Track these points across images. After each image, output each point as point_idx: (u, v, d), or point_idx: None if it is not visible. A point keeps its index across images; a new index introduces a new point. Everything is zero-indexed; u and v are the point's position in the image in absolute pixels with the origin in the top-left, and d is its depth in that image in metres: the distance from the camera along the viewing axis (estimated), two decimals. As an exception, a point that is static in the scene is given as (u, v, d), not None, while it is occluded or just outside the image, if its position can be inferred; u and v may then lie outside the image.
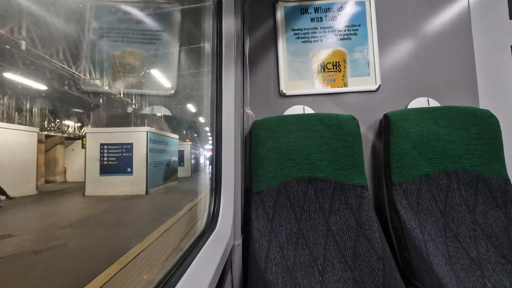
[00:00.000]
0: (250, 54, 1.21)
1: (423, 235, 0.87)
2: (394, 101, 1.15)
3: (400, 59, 1.17)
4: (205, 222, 0.93)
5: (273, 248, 0.87)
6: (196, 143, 14.48)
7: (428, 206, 0.94)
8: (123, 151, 5.45)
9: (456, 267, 0.84)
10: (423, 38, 1.16)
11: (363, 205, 0.92)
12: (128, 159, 5.45)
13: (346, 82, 1.18)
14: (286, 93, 1.18)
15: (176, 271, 0.59)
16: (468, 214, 0.92)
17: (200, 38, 1.19)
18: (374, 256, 0.82)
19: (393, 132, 1.00)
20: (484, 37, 1.15)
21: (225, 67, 0.98)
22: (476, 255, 0.86)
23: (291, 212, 0.95)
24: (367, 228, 0.87)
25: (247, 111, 1.16)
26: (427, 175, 0.97)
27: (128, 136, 5.74)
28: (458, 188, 0.96)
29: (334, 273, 0.83)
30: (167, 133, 8.29)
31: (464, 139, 0.98)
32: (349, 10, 1.20)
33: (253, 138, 1.05)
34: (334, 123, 1.00)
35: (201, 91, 1.28)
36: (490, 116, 1.00)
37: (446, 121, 1.01)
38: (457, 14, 1.16)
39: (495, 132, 0.98)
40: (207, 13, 1.15)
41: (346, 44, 1.19)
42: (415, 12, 1.18)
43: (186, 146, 12.69)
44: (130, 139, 5.62)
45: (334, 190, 0.95)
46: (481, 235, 0.89)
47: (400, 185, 0.96)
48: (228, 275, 0.88)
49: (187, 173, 12.72)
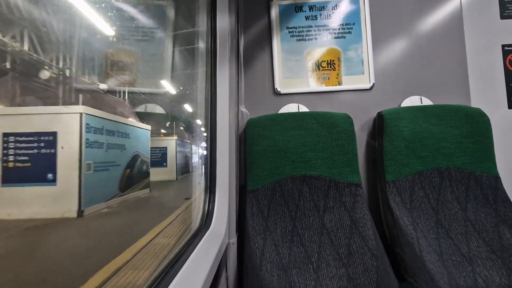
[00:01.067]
0: (245, 52, 1.20)
1: (416, 232, 0.88)
2: (388, 100, 1.16)
3: (394, 58, 1.18)
4: (199, 221, 0.92)
5: (268, 246, 0.87)
6: (185, 138, 12.32)
7: (421, 204, 0.95)
8: (39, 147, 2.98)
9: (448, 263, 0.85)
10: (416, 37, 1.17)
11: (357, 202, 0.92)
12: (47, 159, 3.00)
13: (340, 81, 1.18)
14: (281, 91, 1.17)
15: (170, 270, 0.59)
16: (460, 211, 0.94)
17: (194, 34, 1.18)
18: (368, 253, 0.83)
19: (387, 130, 1.01)
20: (476, 36, 1.16)
21: (220, 65, 0.97)
22: (467, 251, 0.88)
23: (286, 210, 0.95)
24: (361, 225, 0.88)
25: (241, 109, 1.16)
26: (420, 172, 0.98)
27: (49, 121, 3.16)
28: (450, 185, 0.97)
29: (329, 270, 0.83)
30: (127, 119, 5.30)
31: (456, 137, 1.00)
32: (344, 9, 1.20)
33: (248, 136, 1.04)
34: (328, 121, 1.01)
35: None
36: (481, 115, 1.01)
37: (439, 119, 1.02)
38: (449, 13, 1.17)
39: (486, 130, 1.00)
40: (201, 10, 1.14)
41: (340, 43, 1.20)
42: (409, 12, 1.19)
43: (170, 142, 10.07)
44: (52, 126, 3.08)
45: (328, 188, 0.96)
46: (472, 232, 0.91)
47: (393, 183, 0.97)
48: (223, 273, 0.88)
49: (171, 176, 9.83)
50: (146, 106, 6.15)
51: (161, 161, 9.27)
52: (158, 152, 9.15)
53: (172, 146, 9.90)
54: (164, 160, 9.51)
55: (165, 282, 0.53)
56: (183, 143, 11.44)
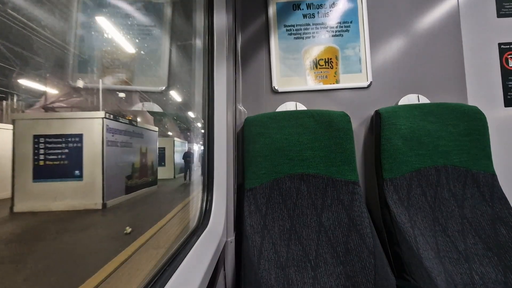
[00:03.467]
0: (242, 50, 1.20)
1: (413, 230, 0.89)
2: (385, 98, 1.16)
3: (391, 56, 1.18)
4: (197, 219, 0.92)
5: (266, 245, 0.87)
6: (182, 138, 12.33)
7: (418, 201, 0.96)
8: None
9: (444, 260, 0.86)
10: (413, 35, 1.18)
11: (355, 200, 0.92)
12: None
13: (338, 79, 1.18)
14: (279, 89, 1.17)
15: (168, 268, 0.59)
16: (457, 208, 0.94)
17: (191, 32, 1.18)
18: (366, 251, 0.83)
19: (384, 128, 1.01)
20: (472, 35, 1.17)
21: (217, 63, 0.97)
22: (464, 248, 0.88)
23: (283, 208, 0.95)
24: (358, 223, 0.88)
25: (239, 108, 1.15)
26: (417, 170, 0.98)
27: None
28: (447, 183, 0.97)
29: (326, 268, 0.83)
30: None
31: (453, 135, 1.00)
32: (341, 7, 1.20)
33: (246, 134, 1.04)
34: (326, 119, 1.01)
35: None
36: (477, 113, 1.02)
37: (436, 117, 1.02)
38: (446, 12, 1.17)
39: (482, 128, 1.00)
40: (198, 8, 1.13)
41: (338, 41, 1.19)
42: (406, 10, 1.19)
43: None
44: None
45: (326, 186, 0.96)
46: (469, 229, 0.91)
47: (391, 181, 0.97)
48: (221, 271, 0.88)
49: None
50: (143, 104, 6.25)
51: (159, 160, 9.06)
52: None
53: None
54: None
55: (163, 280, 0.53)
56: (181, 143, 11.62)
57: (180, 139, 11.44)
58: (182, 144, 12.01)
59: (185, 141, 12.17)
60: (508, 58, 1.16)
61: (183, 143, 12.06)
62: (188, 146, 12.43)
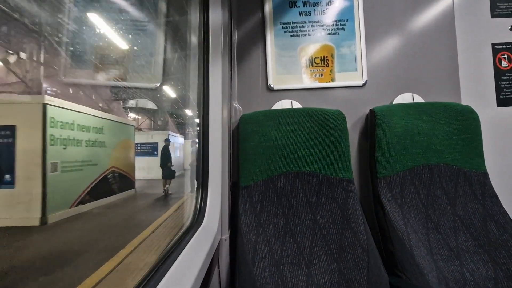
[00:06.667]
0: (238, 48, 1.19)
1: (406, 227, 0.90)
2: (380, 97, 1.16)
3: (387, 55, 1.18)
4: (191, 217, 0.92)
5: (261, 242, 0.87)
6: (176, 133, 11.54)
7: (411, 199, 0.97)
8: None
9: (436, 257, 0.87)
10: (408, 35, 1.18)
11: (349, 198, 0.93)
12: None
13: (333, 77, 1.18)
14: (274, 87, 1.17)
15: (162, 266, 0.58)
16: (449, 206, 0.96)
17: (186, 27, 1.16)
18: (359, 248, 0.84)
19: (379, 127, 1.01)
20: (467, 35, 1.18)
21: (212, 60, 0.96)
22: (455, 245, 0.90)
23: (278, 206, 0.95)
24: (352, 221, 0.89)
25: (234, 105, 1.15)
26: (410, 169, 0.99)
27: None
28: (439, 181, 0.99)
29: (320, 265, 0.84)
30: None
31: (446, 134, 1.01)
32: (337, 5, 1.20)
33: (241, 132, 1.04)
34: (321, 117, 1.01)
35: None
36: (470, 112, 1.03)
37: (430, 116, 1.03)
38: (441, 12, 1.18)
39: (475, 127, 1.02)
40: (193, 4, 1.12)
41: (334, 39, 1.19)
42: (402, 9, 1.19)
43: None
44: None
45: (321, 184, 0.96)
46: (461, 227, 0.93)
47: (384, 179, 0.98)
48: (215, 269, 0.88)
49: None
50: (137, 101, 5.80)
51: (150, 156, 8.18)
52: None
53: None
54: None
55: (156, 279, 0.52)
56: (175, 138, 10.17)
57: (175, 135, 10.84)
58: (177, 139, 10.63)
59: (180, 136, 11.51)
60: (501, 58, 1.18)
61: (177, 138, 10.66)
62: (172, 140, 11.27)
